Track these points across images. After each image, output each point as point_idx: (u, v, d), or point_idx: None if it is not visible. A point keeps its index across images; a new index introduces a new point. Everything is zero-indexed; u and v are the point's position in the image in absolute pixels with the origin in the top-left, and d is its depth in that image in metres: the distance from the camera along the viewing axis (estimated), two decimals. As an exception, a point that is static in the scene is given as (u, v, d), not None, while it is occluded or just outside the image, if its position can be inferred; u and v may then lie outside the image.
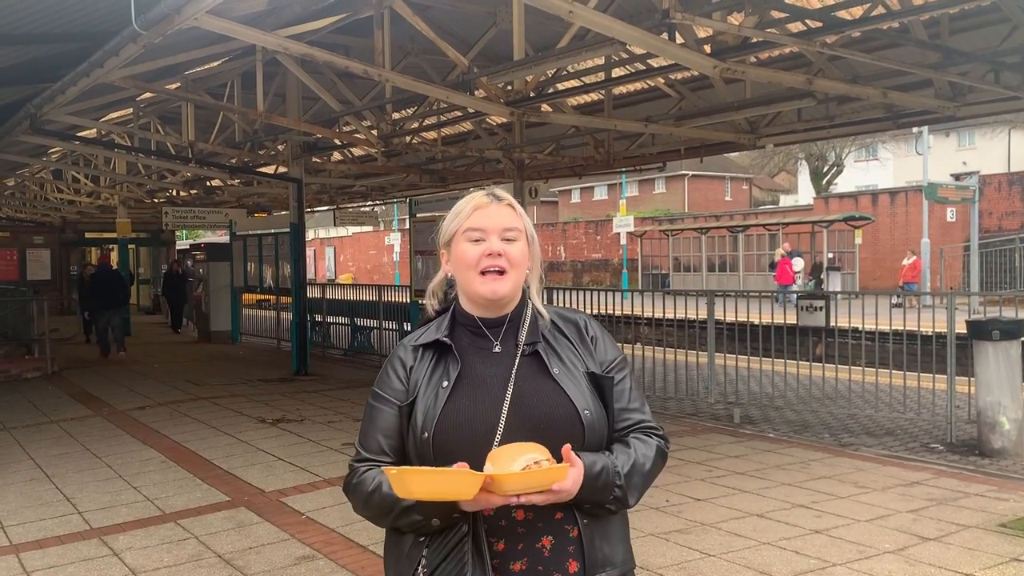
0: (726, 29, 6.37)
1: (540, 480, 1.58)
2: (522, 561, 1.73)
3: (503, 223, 1.82)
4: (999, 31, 7.99)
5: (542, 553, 1.73)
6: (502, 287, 1.80)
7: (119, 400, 10.71)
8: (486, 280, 1.79)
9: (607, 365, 1.87)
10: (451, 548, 1.73)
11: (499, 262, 1.79)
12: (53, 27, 7.66)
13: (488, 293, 1.80)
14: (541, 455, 1.61)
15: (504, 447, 1.65)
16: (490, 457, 1.64)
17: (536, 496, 1.60)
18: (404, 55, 9.83)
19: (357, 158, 15.89)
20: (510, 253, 1.80)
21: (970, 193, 22.76)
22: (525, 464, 1.59)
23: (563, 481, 1.60)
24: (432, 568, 1.73)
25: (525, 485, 1.58)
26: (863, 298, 9.73)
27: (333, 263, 57.45)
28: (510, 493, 1.59)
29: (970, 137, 42.67)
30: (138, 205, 21.69)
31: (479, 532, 1.71)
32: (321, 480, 6.68)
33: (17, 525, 5.72)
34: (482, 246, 1.80)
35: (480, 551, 1.70)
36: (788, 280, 25.50)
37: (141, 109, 12.97)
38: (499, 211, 1.83)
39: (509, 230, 1.82)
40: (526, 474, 1.57)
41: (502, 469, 1.59)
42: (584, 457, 1.68)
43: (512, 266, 1.80)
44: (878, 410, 8.87)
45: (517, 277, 1.82)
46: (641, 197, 53.23)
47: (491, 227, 1.81)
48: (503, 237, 1.81)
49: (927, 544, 5.01)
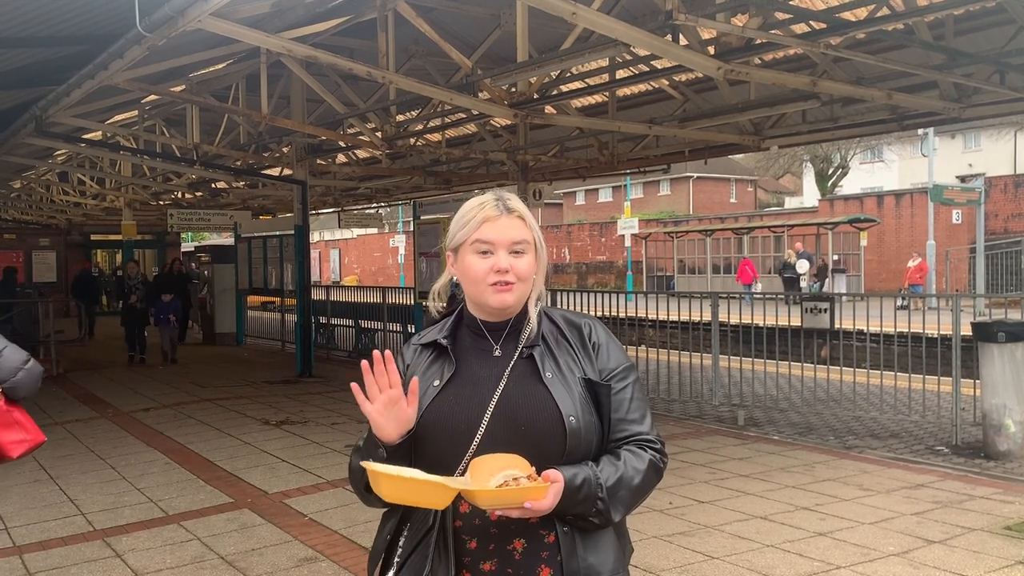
0: (730, 31, 6.36)
1: (515, 498, 1.58)
2: (492, 562, 1.71)
3: (512, 236, 1.79)
4: (1004, 32, 7.96)
5: (513, 556, 1.71)
6: (510, 298, 1.79)
7: (123, 402, 10.73)
8: (495, 292, 1.79)
9: (608, 373, 1.84)
10: (419, 539, 1.75)
11: (507, 278, 1.78)
12: (58, 30, 7.68)
13: (497, 304, 1.80)
14: (521, 471, 1.60)
15: (487, 457, 1.64)
16: (472, 466, 1.64)
17: (512, 511, 1.61)
18: (408, 57, 9.83)
19: (361, 160, 15.91)
20: (518, 268, 1.79)
21: (976, 195, 22.70)
22: (503, 480, 1.58)
23: (539, 500, 1.59)
24: (404, 557, 1.76)
25: (500, 502, 1.58)
26: (868, 300, 9.70)
27: (338, 265, 57.55)
28: (484, 508, 1.61)
29: (976, 139, 42.57)
30: (143, 207, 21.76)
31: (447, 527, 1.72)
32: (324, 482, 6.67)
33: (21, 526, 5.72)
34: (490, 260, 1.78)
35: (446, 546, 1.71)
36: (747, 280, 27.73)
37: (146, 111, 13.00)
38: (509, 224, 1.80)
39: (518, 243, 1.80)
40: (501, 492, 1.57)
41: (480, 483, 1.59)
42: (565, 470, 1.66)
43: (520, 280, 1.79)
44: (883, 412, 8.84)
45: (524, 288, 1.81)
46: (646, 199, 53.21)
47: (500, 241, 1.79)
48: (511, 251, 1.79)
49: (932, 547, 4.99)
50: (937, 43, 7.58)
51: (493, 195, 1.85)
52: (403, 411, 1.70)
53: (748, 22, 6.37)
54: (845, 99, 9.27)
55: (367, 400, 1.69)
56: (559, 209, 57.88)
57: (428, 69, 9.96)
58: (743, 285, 27.41)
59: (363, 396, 1.69)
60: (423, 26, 7.44)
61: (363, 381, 1.71)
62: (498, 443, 1.70)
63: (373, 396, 1.69)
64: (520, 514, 1.61)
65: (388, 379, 1.69)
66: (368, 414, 1.70)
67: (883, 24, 6.78)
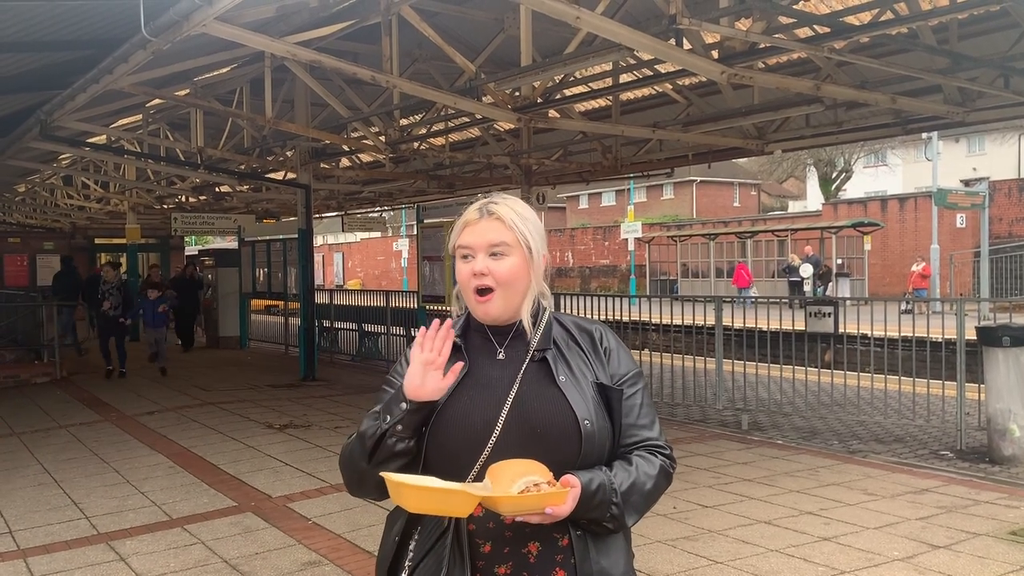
0: (734, 35, 6.36)
1: (536, 504, 1.58)
2: (507, 565, 1.71)
3: (489, 239, 1.77)
4: (1008, 36, 7.95)
5: (528, 559, 1.71)
6: (492, 308, 1.78)
7: (127, 405, 10.74)
8: (479, 302, 1.79)
9: (619, 378, 1.84)
10: (433, 543, 1.73)
11: (484, 281, 1.77)
12: (63, 34, 7.69)
13: (480, 315, 1.80)
14: (541, 477, 1.61)
15: (506, 463, 1.64)
16: (490, 472, 1.64)
17: (532, 517, 1.61)
18: (412, 61, 9.84)
19: (365, 164, 15.93)
20: (496, 271, 1.76)
21: (980, 199, 22.66)
22: (524, 486, 1.59)
23: (559, 506, 1.60)
24: (416, 561, 1.74)
25: (522, 508, 1.59)
26: (872, 304, 9.68)
27: (341, 269, 57.60)
28: (506, 515, 1.61)
29: (980, 143, 42.47)
30: (147, 211, 21.78)
31: (461, 530, 1.71)
32: (328, 485, 6.67)
33: (25, 530, 5.73)
34: (470, 264, 1.78)
35: (461, 550, 1.70)
36: (743, 284, 27.89)
37: (150, 115, 13.01)
38: (487, 226, 1.79)
39: (496, 245, 1.77)
40: (523, 498, 1.58)
41: (501, 489, 1.59)
42: (581, 475, 1.67)
43: (499, 284, 1.77)
44: (887, 417, 8.82)
45: (508, 295, 1.78)
46: (649, 203, 53.16)
47: (477, 244, 1.78)
48: (490, 253, 1.77)
49: (937, 552, 4.98)
50: (941, 47, 7.57)
51: (483, 199, 1.85)
52: (437, 379, 1.69)
53: (752, 26, 6.37)
54: (849, 103, 9.27)
55: (420, 348, 1.69)
56: (562, 213, 57.87)
57: (432, 73, 9.97)
58: (738, 289, 27.61)
59: (421, 341, 1.70)
60: (427, 30, 7.45)
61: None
62: (513, 444, 1.70)
63: (426, 348, 1.69)
64: (540, 520, 1.61)
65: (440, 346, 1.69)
66: (413, 359, 1.69)
67: (887, 28, 6.77)
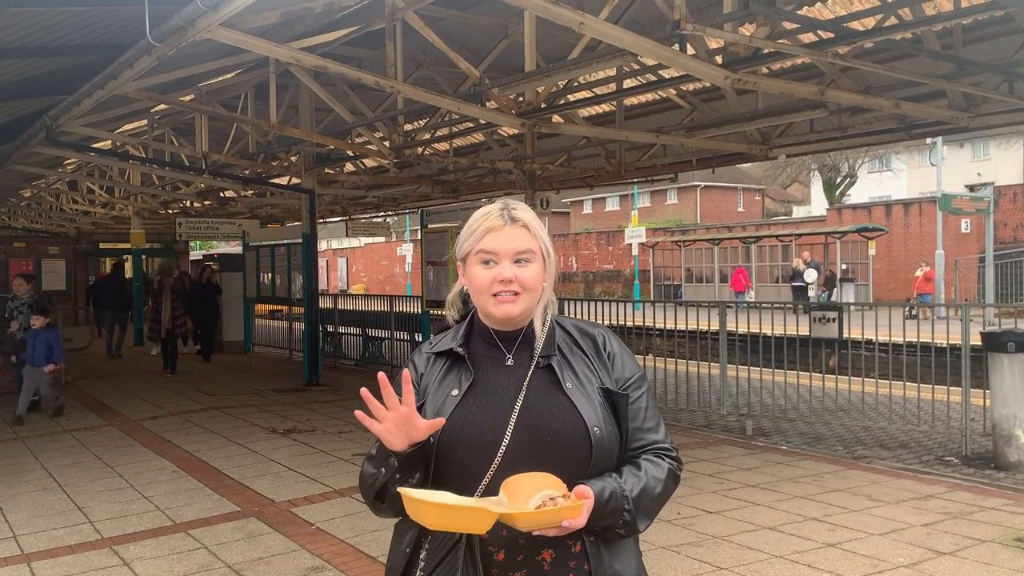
0: (737, 40, 6.36)
1: (554, 519, 1.58)
2: (521, 573, 1.71)
3: (516, 246, 1.77)
4: (1013, 41, 7.95)
5: (542, 566, 1.71)
6: (514, 309, 1.77)
7: (131, 410, 10.75)
8: (499, 302, 1.77)
9: (624, 382, 1.84)
10: (446, 553, 1.73)
11: (511, 287, 1.76)
12: (69, 40, 7.73)
13: (501, 315, 1.78)
14: (557, 490, 1.61)
15: (520, 477, 1.63)
16: (505, 487, 1.63)
17: (549, 530, 1.60)
18: (416, 67, 9.87)
19: (369, 169, 15.96)
20: (522, 277, 1.76)
21: (984, 204, 22.59)
22: (541, 501, 1.59)
23: (575, 518, 1.59)
24: (429, 571, 1.74)
25: (539, 523, 1.59)
26: (876, 309, 9.66)
27: (345, 273, 57.64)
28: (524, 530, 1.60)
29: (984, 148, 42.41)
30: (152, 216, 21.83)
31: (474, 540, 1.70)
32: (331, 490, 6.67)
33: (29, 534, 5.74)
34: (494, 270, 1.76)
35: (474, 559, 1.69)
36: (740, 288, 28.53)
37: (155, 121, 13.07)
38: (512, 234, 1.78)
39: (522, 253, 1.77)
40: (540, 513, 1.57)
41: (517, 505, 1.59)
42: (594, 484, 1.66)
43: (525, 289, 1.77)
44: (892, 422, 8.80)
45: (530, 298, 1.79)
46: (653, 208, 53.16)
47: (503, 251, 1.77)
48: (516, 260, 1.77)
49: (942, 558, 4.96)
50: (945, 52, 7.57)
51: (500, 204, 1.83)
52: (416, 428, 1.67)
53: (756, 32, 6.37)
54: (853, 108, 9.26)
55: (375, 421, 1.67)
56: (566, 218, 57.89)
57: (436, 78, 9.99)
58: (735, 293, 27.90)
59: (370, 418, 1.67)
60: (431, 36, 7.47)
61: (374, 392, 1.70)
62: (522, 453, 1.69)
63: (382, 417, 1.67)
64: (557, 532, 1.61)
65: (397, 399, 1.66)
66: (377, 433, 1.68)
67: (891, 33, 6.77)
